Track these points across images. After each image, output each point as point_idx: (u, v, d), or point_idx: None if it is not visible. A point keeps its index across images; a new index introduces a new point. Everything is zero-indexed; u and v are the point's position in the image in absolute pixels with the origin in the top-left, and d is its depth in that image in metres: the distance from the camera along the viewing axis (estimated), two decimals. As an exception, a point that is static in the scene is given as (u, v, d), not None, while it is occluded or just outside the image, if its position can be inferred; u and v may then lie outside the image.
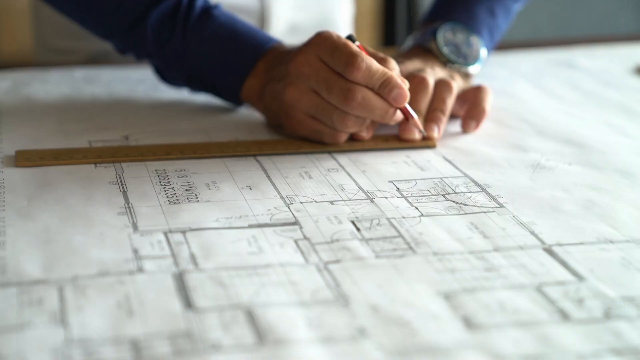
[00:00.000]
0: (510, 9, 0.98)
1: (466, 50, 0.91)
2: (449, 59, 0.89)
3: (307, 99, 0.77)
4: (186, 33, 0.86)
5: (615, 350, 0.51)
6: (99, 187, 0.71)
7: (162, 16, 0.86)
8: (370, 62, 0.75)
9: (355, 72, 0.74)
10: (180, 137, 0.83)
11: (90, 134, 0.83)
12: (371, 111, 0.76)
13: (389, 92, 0.75)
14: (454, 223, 0.66)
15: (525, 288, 0.57)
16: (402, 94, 0.76)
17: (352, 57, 0.75)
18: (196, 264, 0.59)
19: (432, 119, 0.82)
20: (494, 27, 0.95)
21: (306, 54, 0.77)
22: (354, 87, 0.75)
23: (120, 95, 0.95)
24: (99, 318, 0.53)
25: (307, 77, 0.77)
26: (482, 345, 0.51)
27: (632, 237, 0.64)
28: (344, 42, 0.76)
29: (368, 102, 0.75)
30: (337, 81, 0.75)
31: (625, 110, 0.94)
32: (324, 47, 0.76)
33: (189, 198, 0.69)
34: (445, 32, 0.91)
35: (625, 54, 1.15)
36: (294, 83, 0.78)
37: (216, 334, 0.51)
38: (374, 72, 0.75)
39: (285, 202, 0.69)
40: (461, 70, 0.90)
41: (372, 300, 0.55)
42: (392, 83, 0.75)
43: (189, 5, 0.86)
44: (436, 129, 0.82)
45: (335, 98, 0.75)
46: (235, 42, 0.85)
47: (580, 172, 0.76)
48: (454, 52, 0.90)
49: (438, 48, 0.90)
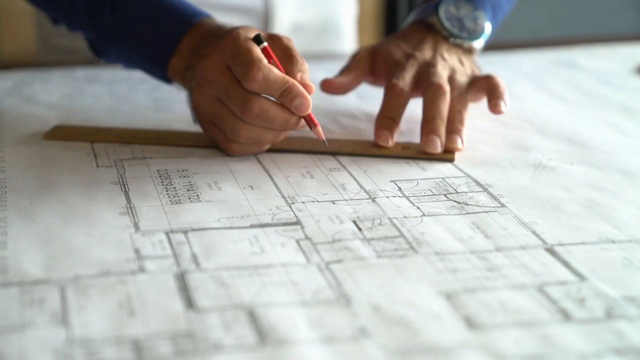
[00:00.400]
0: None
1: (470, 24, 0.89)
2: (452, 33, 0.88)
3: (209, 104, 0.75)
4: (115, 5, 0.83)
5: (616, 350, 0.51)
6: (100, 187, 0.71)
7: None
8: (268, 71, 0.71)
9: (250, 83, 0.71)
10: (181, 137, 0.83)
11: (92, 134, 0.83)
12: (271, 122, 0.73)
13: (290, 101, 0.72)
14: (455, 223, 0.66)
15: (527, 288, 0.57)
16: (304, 103, 0.72)
17: (249, 65, 0.71)
18: (198, 263, 0.59)
19: (452, 131, 0.80)
20: (496, 6, 0.94)
21: (212, 58, 0.74)
22: (251, 98, 0.72)
23: (121, 95, 0.96)
24: (101, 318, 0.53)
25: (210, 83, 0.74)
26: (484, 345, 0.51)
27: (633, 237, 0.64)
28: (247, 47, 0.73)
29: (266, 113, 0.72)
30: (237, 90, 0.72)
31: (627, 110, 0.94)
32: (228, 52, 0.73)
33: (191, 198, 0.69)
34: (448, 6, 0.90)
35: (626, 53, 1.15)
36: (200, 86, 0.75)
37: (218, 334, 0.51)
38: (272, 82, 0.72)
39: (287, 201, 0.69)
40: (464, 44, 0.89)
41: (373, 300, 0.55)
42: (294, 92, 0.72)
43: None
44: (458, 140, 0.79)
45: (234, 107, 0.73)
46: (160, 15, 0.82)
47: (581, 172, 0.76)
48: (456, 26, 0.89)
49: (440, 22, 0.89)
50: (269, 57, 0.74)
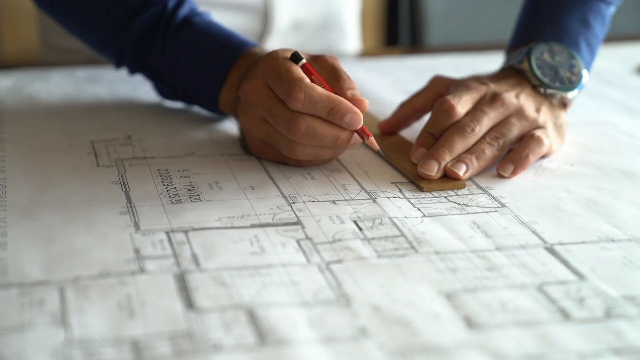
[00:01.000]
0: (605, 15, 0.87)
1: (564, 73, 0.81)
2: (542, 82, 0.80)
3: (257, 126, 0.74)
4: (165, 44, 0.84)
5: (615, 350, 0.51)
6: (101, 187, 0.71)
7: (144, 26, 0.84)
8: (311, 90, 0.70)
9: (294, 103, 0.70)
10: (182, 137, 0.83)
11: (93, 134, 0.83)
12: (319, 139, 0.71)
13: (340, 118, 0.70)
14: (456, 222, 0.66)
15: (527, 287, 0.57)
16: (355, 118, 0.70)
17: (291, 86, 0.70)
18: (198, 264, 0.59)
19: (461, 159, 0.74)
20: (591, 38, 0.85)
21: (253, 81, 0.74)
22: (297, 117, 0.71)
23: (123, 95, 0.96)
24: (100, 319, 0.53)
25: (254, 105, 0.73)
26: (484, 344, 0.51)
27: (633, 236, 0.64)
28: (287, 67, 0.72)
29: (314, 131, 0.71)
30: (282, 110, 0.71)
31: (628, 109, 0.94)
32: (269, 73, 0.72)
33: (191, 198, 0.69)
34: (542, 52, 0.82)
35: (627, 53, 1.15)
36: (245, 110, 0.75)
37: (217, 334, 0.51)
38: (316, 101, 0.70)
39: (287, 201, 0.69)
40: (556, 95, 0.81)
41: (373, 300, 0.55)
42: (342, 109, 0.70)
43: (172, 13, 0.84)
44: (463, 168, 0.73)
45: (281, 127, 0.72)
46: (208, 50, 0.82)
47: (582, 172, 0.76)
48: (549, 74, 0.81)
49: (531, 69, 0.81)
50: (309, 73, 0.73)
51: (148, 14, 0.84)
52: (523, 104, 0.78)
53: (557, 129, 0.80)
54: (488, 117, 0.76)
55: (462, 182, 0.73)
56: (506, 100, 0.78)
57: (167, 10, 0.84)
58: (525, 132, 0.77)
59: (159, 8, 0.85)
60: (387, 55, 1.29)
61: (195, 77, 0.83)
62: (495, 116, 0.77)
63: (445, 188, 0.72)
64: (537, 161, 0.78)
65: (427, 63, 1.13)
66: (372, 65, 1.12)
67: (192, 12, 0.85)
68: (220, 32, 0.83)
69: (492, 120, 0.77)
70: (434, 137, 0.76)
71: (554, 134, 0.79)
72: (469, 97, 0.78)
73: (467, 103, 0.77)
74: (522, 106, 0.78)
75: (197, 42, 0.83)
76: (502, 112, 0.77)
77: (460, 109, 0.76)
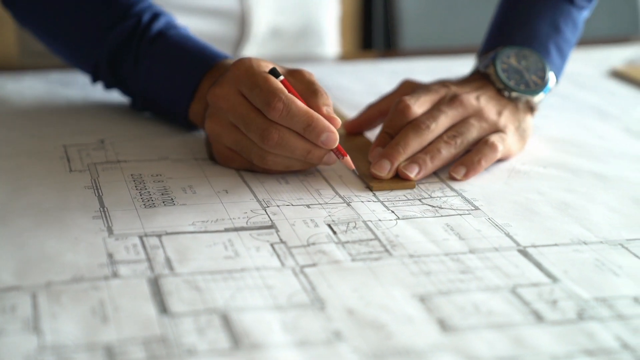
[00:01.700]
0: (577, 20, 0.87)
1: (530, 77, 0.82)
2: (507, 86, 0.81)
3: (226, 133, 0.73)
4: (137, 57, 0.83)
5: (587, 351, 0.51)
6: (73, 192, 0.71)
7: (118, 40, 0.84)
8: (290, 102, 0.69)
9: (272, 113, 0.69)
10: (156, 141, 0.82)
11: (65, 138, 0.82)
12: (291, 151, 0.71)
13: (316, 136, 0.70)
14: (429, 225, 0.66)
15: (500, 290, 0.57)
16: (331, 137, 0.70)
17: (270, 95, 0.70)
18: (172, 268, 0.59)
19: (414, 160, 0.74)
20: (562, 43, 0.86)
21: (224, 86, 0.73)
22: (271, 127, 0.70)
23: (96, 99, 0.95)
24: (73, 324, 0.52)
25: (225, 111, 0.73)
26: (457, 347, 0.51)
27: (605, 239, 0.65)
28: (264, 77, 0.71)
29: (286, 143, 0.70)
30: (255, 119, 0.71)
31: (600, 112, 0.95)
32: (244, 81, 0.71)
33: (165, 202, 0.69)
34: (509, 56, 0.83)
35: (600, 57, 1.16)
36: (214, 115, 0.74)
37: (191, 339, 0.51)
38: (294, 114, 0.69)
39: (261, 205, 0.69)
40: (521, 99, 0.81)
41: (347, 304, 0.55)
42: (319, 126, 0.70)
43: (146, 26, 0.84)
44: (416, 169, 0.74)
45: (253, 136, 0.71)
46: (179, 62, 0.81)
47: (554, 175, 0.77)
48: (514, 78, 0.81)
49: (496, 73, 0.82)
50: (287, 89, 0.72)
51: (122, 27, 0.84)
52: (483, 107, 0.79)
53: (519, 132, 0.81)
54: (445, 115, 0.77)
55: (412, 182, 0.73)
56: (465, 101, 0.78)
57: (142, 24, 0.84)
58: (485, 134, 0.78)
59: (134, 21, 0.84)
60: (362, 58, 1.29)
61: (167, 88, 0.82)
62: (453, 116, 0.77)
63: (394, 188, 0.73)
64: (508, 164, 0.78)
65: (401, 66, 1.13)
66: (347, 69, 1.13)
67: (167, 26, 0.84)
68: (193, 45, 0.83)
69: (449, 119, 0.77)
70: (390, 137, 0.76)
71: (515, 138, 0.80)
72: (427, 98, 0.78)
73: (424, 104, 0.78)
74: (482, 108, 0.79)
75: (169, 54, 0.82)
76: (461, 112, 0.78)
77: (416, 109, 0.77)
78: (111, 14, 0.85)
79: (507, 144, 0.78)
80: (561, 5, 0.86)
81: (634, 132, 0.89)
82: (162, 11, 0.86)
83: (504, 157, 0.79)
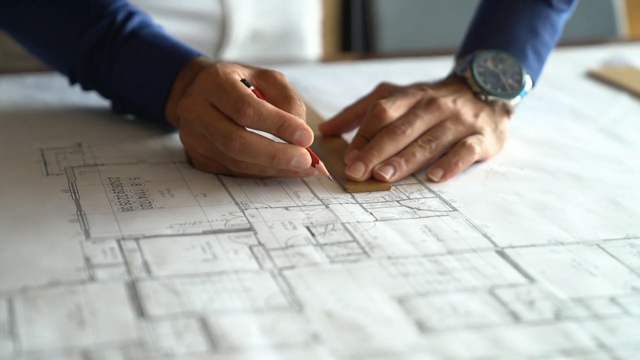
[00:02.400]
0: (556, 23, 0.87)
1: (507, 80, 0.82)
2: (483, 89, 0.81)
3: (199, 143, 0.73)
4: (112, 58, 0.83)
5: (564, 351, 0.51)
6: (50, 195, 0.70)
7: (92, 41, 0.83)
8: (260, 106, 0.69)
9: (243, 119, 0.69)
10: (134, 144, 0.82)
11: (42, 142, 0.82)
12: (254, 157, 0.69)
13: (290, 134, 0.69)
14: (408, 227, 0.67)
15: (478, 291, 0.58)
16: (305, 135, 0.69)
17: (239, 102, 0.69)
18: (149, 271, 0.59)
19: (389, 162, 0.74)
20: (540, 46, 0.86)
21: (190, 97, 0.72)
22: (232, 134, 0.69)
23: (73, 102, 0.94)
24: (49, 329, 0.52)
25: (192, 122, 0.72)
26: (435, 348, 0.51)
27: (582, 239, 0.65)
28: (232, 83, 0.70)
29: (248, 148, 0.69)
30: (218, 127, 0.70)
31: (576, 114, 0.95)
32: (211, 89, 0.71)
33: (143, 205, 0.69)
34: (486, 60, 0.83)
35: (575, 58, 1.17)
36: (185, 127, 0.74)
37: (169, 343, 0.51)
38: (265, 117, 0.69)
39: (240, 207, 0.69)
40: (498, 102, 0.81)
41: (326, 306, 0.55)
42: (293, 125, 0.69)
43: (120, 26, 0.83)
44: (391, 171, 0.74)
45: (218, 144, 0.70)
46: (153, 62, 0.81)
47: (531, 176, 0.77)
48: (490, 82, 0.82)
49: (472, 76, 0.82)
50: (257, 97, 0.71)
51: (96, 28, 0.83)
52: (460, 109, 0.79)
53: (496, 134, 0.81)
54: (421, 120, 0.77)
55: (387, 184, 0.73)
56: (442, 105, 0.78)
57: (116, 24, 0.83)
58: (461, 136, 0.78)
59: (108, 21, 0.83)
60: (341, 61, 1.29)
61: (142, 89, 0.82)
62: (429, 120, 0.77)
63: (369, 190, 0.73)
64: (485, 165, 0.79)
65: (379, 68, 1.13)
66: (326, 71, 1.13)
67: (141, 25, 0.84)
68: (166, 43, 0.82)
69: (425, 124, 0.77)
70: (366, 140, 0.77)
71: (492, 140, 0.80)
72: (403, 102, 0.78)
73: (400, 107, 0.78)
74: (459, 111, 0.79)
75: (143, 54, 0.82)
76: (438, 116, 0.78)
77: (392, 113, 0.77)
78: (86, 14, 0.84)
79: (485, 146, 0.79)
80: (539, 8, 0.87)
81: (609, 132, 0.89)
82: (137, 10, 0.85)
83: (481, 159, 0.79)
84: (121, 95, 0.84)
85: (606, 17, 1.63)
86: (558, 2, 0.87)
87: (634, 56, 1.16)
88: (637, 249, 0.64)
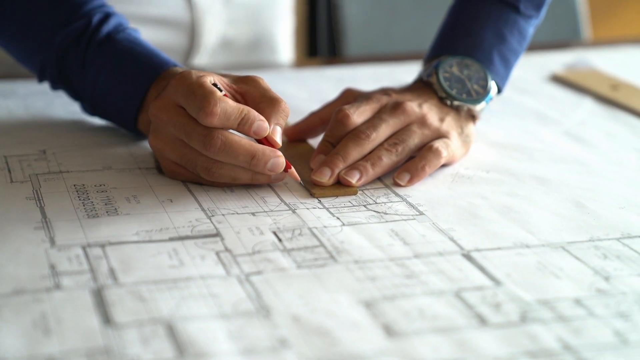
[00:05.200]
0: (524, 29, 0.87)
1: (472, 86, 0.82)
2: (449, 94, 0.82)
3: (170, 147, 0.72)
4: (85, 61, 0.82)
5: (530, 353, 0.52)
6: (14, 203, 0.69)
7: (66, 41, 0.82)
8: (224, 103, 0.69)
9: (209, 118, 0.68)
10: (99, 151, 0.81)
11: (7, 149, 0.81)
12: (234, 156, 0.70)
13: (249, 127, 0.70)
14: (374, 231, 0.67)
15: (445, 294, 0.58)
16: (261, 126, 0.70)
17: (205, 101, 0.68)
18: (115, 278, 0.58)
19: (355, 167, 0.75)
20: (507, 52, 0.86)
21: (162, 100, 0.72)
22: (212, 132, 0.69)
23: (37, 109, 0.94)
24: (14, 338, 0.51)
25: (165, 124, 0.72)
26: (402, 352, 0.52)
27: (547, 242, 0.66)
28: (200, 83, 0.70)
29: (230, 147, 0.69)
30: (196, 127, 0.70)
31: (541, 117, 0.96)
32: (179, 91, 0.71)
33: (109, 212, 0.68)
34: (451, 65, 0.83)
35: (540, 62, 1.18)
36: (156, 130, 0.73)
37: (135, 350, 0.51)
38: (229, 114, 0.69)
39: (206, 214, 0.69)
40: (463, 107, 0.82)
41: (293, 311, 0.55)
42: (251, 117, 0.70)
43: (95, 28, 0.82)
44: (357, 175, 0.74)
45: (196, 144, 0.70)
46: (127, 70, 0.80)
47: (497, 179, 0.78)
48: (456, 87, 0.82)
49: (438, 81, 0.82)
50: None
51: (71, 28, 0.82)
52: (426, 113, 0.79)
53: (462, 138, 0.81)
54: (386, 124, 0.77)
55: (354, 189, 0.74)
56: (407, 109, 0.79)
57: (91, 25, 0.82)
58: (427, 140, 0.79)
59: (83, 23, 0.82)
60: (307, 66, 1.29)
61: (114, 97, 0.81)
62: (394, 123, 0.78)
63: (336, 194, 0.73)
64: (452, 169, 0.79)
65: (346, 73, 1.14)
66: (293, 76, 1.13)
67: (117, 28, 0.83)
68: (142, 51, 0.81)
69: (391, 128, 0.78)
70: (332, 145, 0.77)
71: (458, 144, 0.81)
72: (368, 107, 0.79)
73: (364, 112, 0.78)
74: (424, 115, 0.79)
75: (117, 60, 0.81)
76: (403, 119, 0.78)
77: (355, 118, 0.77)
78: (63, 11, 0.83)
79: (451, 150, 0.79)
80: (507, 15, 0.87)
81: (573, 135, 0.90)
82: (113, 12, 0.84)
83: (447, 163, 0.80)
84: (93, 99, 0.83)
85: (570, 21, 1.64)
86: (527, 9, 0.88)
87: (598, 60, 1.17)
88: (601, 251, 0.65)
